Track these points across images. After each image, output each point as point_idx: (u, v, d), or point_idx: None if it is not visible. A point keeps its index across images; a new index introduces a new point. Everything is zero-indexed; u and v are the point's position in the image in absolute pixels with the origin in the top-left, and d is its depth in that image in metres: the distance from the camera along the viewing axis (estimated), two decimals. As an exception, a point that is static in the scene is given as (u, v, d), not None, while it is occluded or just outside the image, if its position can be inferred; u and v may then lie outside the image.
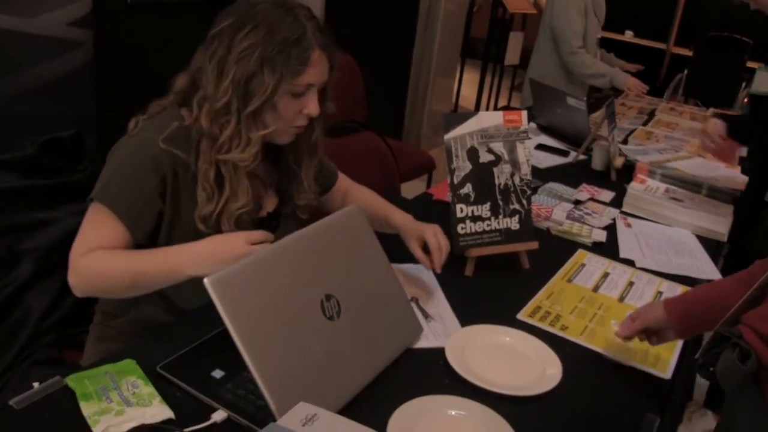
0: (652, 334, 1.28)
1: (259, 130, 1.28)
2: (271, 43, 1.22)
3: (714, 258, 1.88)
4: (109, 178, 1.26)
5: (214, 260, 1.16)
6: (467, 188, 1.58)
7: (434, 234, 1.46)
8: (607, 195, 2.25)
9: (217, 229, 1.30)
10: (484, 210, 1.60)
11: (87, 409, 1.01)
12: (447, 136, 1.56)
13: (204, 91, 1.26)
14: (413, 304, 1.41)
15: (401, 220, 1.53)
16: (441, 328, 1.36)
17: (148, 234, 1.30)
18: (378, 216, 1.55)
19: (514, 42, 5.32)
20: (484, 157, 1.60)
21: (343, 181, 1.65)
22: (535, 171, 2.34)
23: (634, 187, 2.20)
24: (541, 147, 2.70)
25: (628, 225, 2.03)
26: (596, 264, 1.75)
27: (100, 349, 1.41)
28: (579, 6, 3.53)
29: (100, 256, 1.23)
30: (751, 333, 1.02)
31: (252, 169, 1.32)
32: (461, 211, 1.57)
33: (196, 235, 1.26)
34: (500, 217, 1.61)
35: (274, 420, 0.94)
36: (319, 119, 1.38)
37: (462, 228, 1.57)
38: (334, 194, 1.63)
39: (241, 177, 1.30)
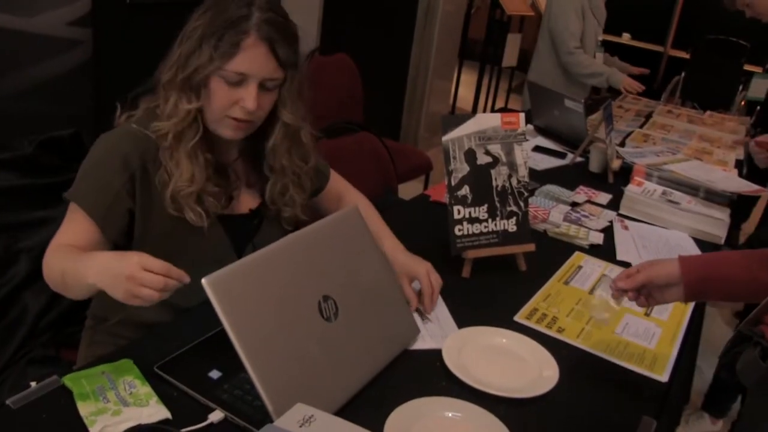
0: (642, 294, 1.24)
1: (186, 103, 1.27)
2: (213, 23, 1.24)
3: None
4: (81, 176, 1.28)
5: (107, 273, 1.09)
6: (464, 190, 1.58)
7: (427, 274, 1.41)
8: (604, 197, 2.25)
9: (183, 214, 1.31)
10: (482, 212, 1.60)
11: (84, 409, 1.01)
12: (445, 138, 1.56)
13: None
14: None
15: (391, 248, 1.48)
16: (438, 330, 1.36)
17: (122, 232, 1.30)
18: None
19: (512, 44, 5.33)
20: (482, 159, 1.60)
21: (338, 183, 1.62)
22: (533, 173, 2.35)
23: (631, 189, 2.20)
24: (538, 149, 2.70)
25: (625, 227, 2.04)
26: (593, 266, 1.75)
27: (91, 354, 1.41)
28: (576, 7, 3.55)
29: (54, 252, 1.23)
30: None
31: (227, 161, 1.35)
32: (458, 212, 1.57)
33: (171, 225, 1.28)
34: (497, 218, 1.61)
35: (271, 421, 0.94)
36: (280, 126, 1.36)
37: (459, 230, 1.57)
38: (327, 195, 1.60)
39: (180, 156, 1.28)
